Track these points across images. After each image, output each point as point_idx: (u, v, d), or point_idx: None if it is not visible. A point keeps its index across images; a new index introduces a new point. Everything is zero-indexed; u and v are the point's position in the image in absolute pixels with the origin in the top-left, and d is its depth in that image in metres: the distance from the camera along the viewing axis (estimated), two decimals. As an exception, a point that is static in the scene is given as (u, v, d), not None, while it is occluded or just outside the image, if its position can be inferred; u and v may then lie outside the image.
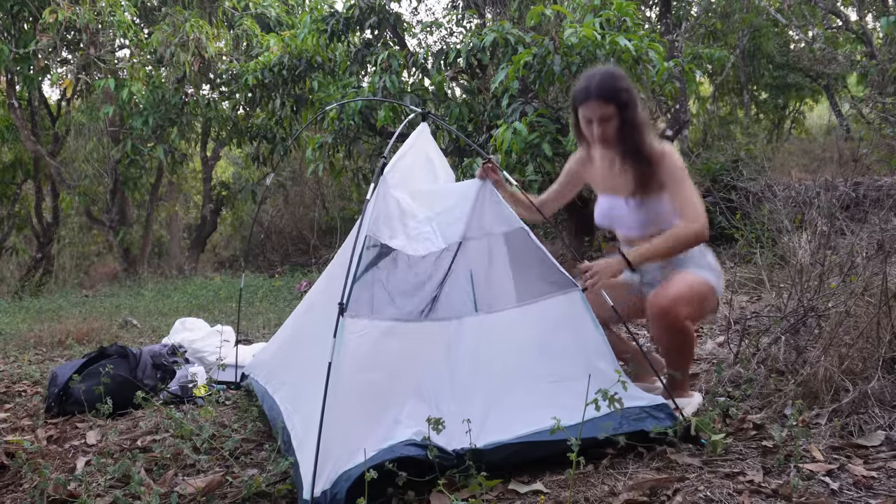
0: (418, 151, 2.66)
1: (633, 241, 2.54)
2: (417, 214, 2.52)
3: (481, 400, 2.17)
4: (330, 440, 1.86)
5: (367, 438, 1.95)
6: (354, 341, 2.06)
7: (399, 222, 2.46)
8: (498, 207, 2.55)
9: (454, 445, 1.98)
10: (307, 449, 1.90)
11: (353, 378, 2.03)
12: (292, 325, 2.98)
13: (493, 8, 7.69)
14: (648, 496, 1.82)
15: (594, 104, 2.39)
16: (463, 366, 2.26)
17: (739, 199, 4.70)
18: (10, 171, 11.05)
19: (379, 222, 2.37)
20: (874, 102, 7.68)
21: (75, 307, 6.67)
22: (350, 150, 7.60)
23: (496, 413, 2.13)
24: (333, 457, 1.86)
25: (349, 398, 1.99)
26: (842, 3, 11.23)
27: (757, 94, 13.32)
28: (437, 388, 2.21)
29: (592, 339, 2.28)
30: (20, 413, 3.11)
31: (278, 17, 9.85)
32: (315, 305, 2.78)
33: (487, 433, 2.03)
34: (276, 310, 5.98)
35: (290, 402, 2.37)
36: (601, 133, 2.42)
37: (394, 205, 2.45)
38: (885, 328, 2.30)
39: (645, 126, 2.44)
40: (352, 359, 2.03)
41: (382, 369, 2.15)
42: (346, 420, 1.94)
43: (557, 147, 5.14)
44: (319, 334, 2.27)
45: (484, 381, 2.22)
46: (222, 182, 12.12)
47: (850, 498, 1.73)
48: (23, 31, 8.86)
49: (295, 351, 2.69)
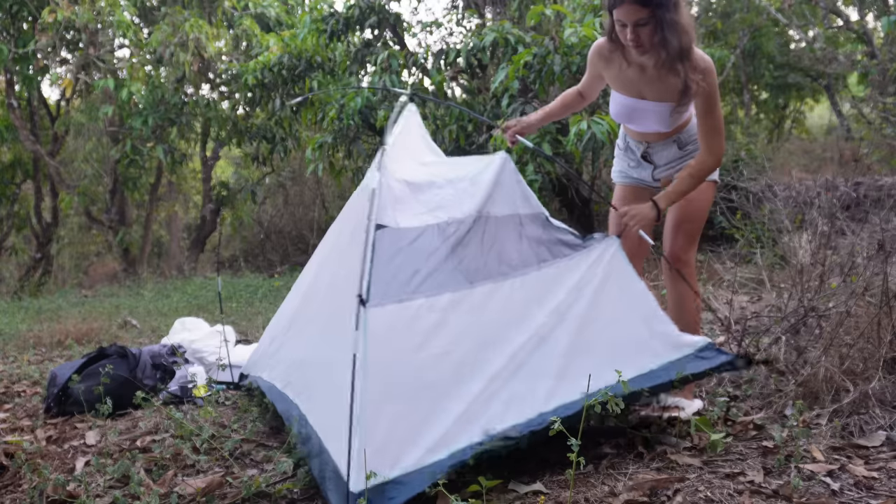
0: (411, 132, 2.63)
1: (647, 136, 2.57)
2: (435, 181, 2.45)
3: (545, 367, 2.09)
4: (372, 433, 1.81)
5: (424, 433, 1.87)
6: (384, 330, 1.97)
7: (414, 201, 2.38)
8: (521, 187, 2.52)
9: (521, 418, 1.95)
10: (340, 440, 1.84)
11: (392, 366, 1.95)
12: (289, 318, 2.89)
13: (493, 8, 7.68)
14: (648, 496, 1.82)
15: (628, 7, 2.20)
16: (515, 328, 2.15)
17: (740, 198, 4.70)
18: (10, 171, 11.04)
19: (388, 208, 2.28)
20: (875, 102, 7.68)
21: (75, 307, 6.67)
22: (350, 150, 7.60)
23: (564, 381, 2.06)
24: (381, 449, 1.80)
25: (391, 387, 1.92)
26: (842, 2, 11.23)
27: (757, 94, 13.31)
28: (491, 360, 2.07)
29: (638, 291, 2.32)
30: (20, 413, 3.11)
31: (278, 16, 9.84)
32: (315, 296, 2.68)
33: (557, 398, 2.00)
34: (276, 310, 5.97)
35: (307, 397, 2.30)
36: (635, 38, 2.24)
37: (401, 187, 2.38)
38: (886, 328, 2.30)
39: (688, 29, 2.25)
40: (387, 347, 1.96)
41: (421, 351, 2.02)
42: (389, 411, 1.88)
43: (557, 147, 5.13)
44: (332, 324, 2.21)
45: (540, 346, 2.13)
46: (222, 182, 12.12)
47: (851, 498, 1.73)
48: (22, 31, 8.85)
49: (303, 346, 2.60)
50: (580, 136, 4.48)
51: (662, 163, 2.61)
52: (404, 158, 2.50)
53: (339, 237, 2.68)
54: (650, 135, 2.57)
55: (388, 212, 2.27)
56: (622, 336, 2.21)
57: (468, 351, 2.05)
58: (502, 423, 1.92)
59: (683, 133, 2.55)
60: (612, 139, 4.56)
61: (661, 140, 2.57)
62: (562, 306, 2.21)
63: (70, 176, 10.13)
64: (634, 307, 2.29)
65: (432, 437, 1.87)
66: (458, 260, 2.27)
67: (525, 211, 2.48)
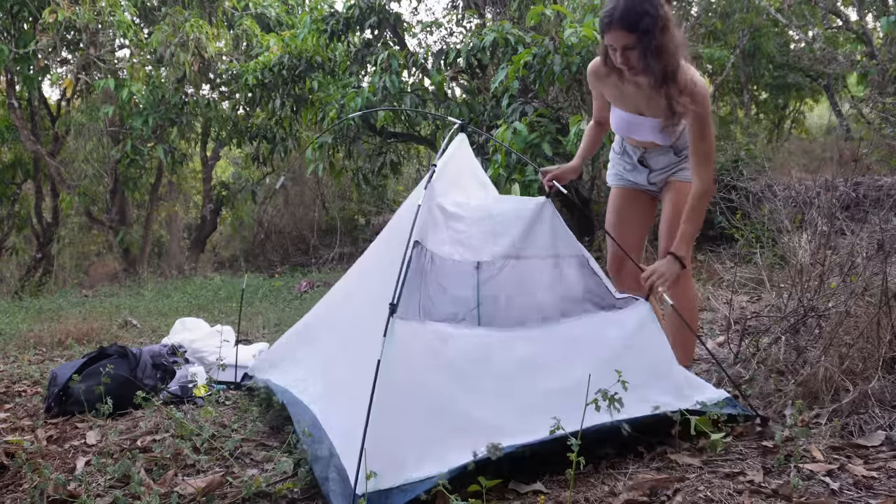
0: (461, 161, 2.64)
1: (645, 145, 2.61)
2: (466, 217, 2.47)
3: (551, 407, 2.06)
4: (382, 439, 1.83)
5: (432, 449, 1.90)
6: (406, 342, 2.01)
7: (444, 228, 2.41)
8: (562, 230, 2.53)
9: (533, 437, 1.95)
10: (354, 444, 1.86)
11: (410, 380, 1.98)
12: (315, 325, 2.90)
13: (493, 8, 7.69)
14: (648, 496, 1.82)
15: (615, 33, 2.27)
16: (524, 374, 2.18)
17: (739, 198, 4.70)
18: (10, 171, 11.04)
19: (426, 229, 2.32)
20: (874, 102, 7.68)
21: (75, 307, 6.67)
22: (350, 150, 7.60)
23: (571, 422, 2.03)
24: (390, 456, 1.84)
25: (406, 399, 1.95)
26: (842, 2, 11.23)
27: (757, 94, 13.31)
28: (498, 395, 2.11)
29: (663, 351, 2.31)
30: (20, 413, 3.11)
31: (278, 17, 9.85)
32: (349, 305, 2.70)
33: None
34: (276, 310, 5.98)
35: (326, 402, 2.33)
36: (625, 61, 2.32)
37: (437, 212, 2.41)
38: (886, 328, 2.30)
39: (674, 52, 2.30)
40: (406, 360, 1.99)
41: (439, 372, 2.07)
42: (401, 422, 1.91)
43: (557, 147, 5.14)
44: (359, 333, 2.24)
45: (551, 390, 2.13)
46: (222, 182, 12.12)
47: (851, 498, 1.73)
48: (23, 31, 8.85)
49: (325, 351, 2.63)
50: (580, 137, 4.48)
51: (658, 167, 2.65)
52: (448, 184, 2.51)
53: (380, 250, 2.71)
54: (648, 143, 2.61)
55: (427, 233, 2.32)
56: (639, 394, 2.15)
57: (477, 384, 2.09)
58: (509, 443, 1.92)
59: (680, 139, 2.59)
60: (612, 140, 4.56)
61: (658, 147, 2.61)
62: (579, 360, 2.21)
63: (70, 176, 10.13)
64: (657, 372, 2.27)
65: (439, 453, 1.90)
66: (480, 299, 2.39)
67: (565, 252, 2.50)
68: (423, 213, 2.30)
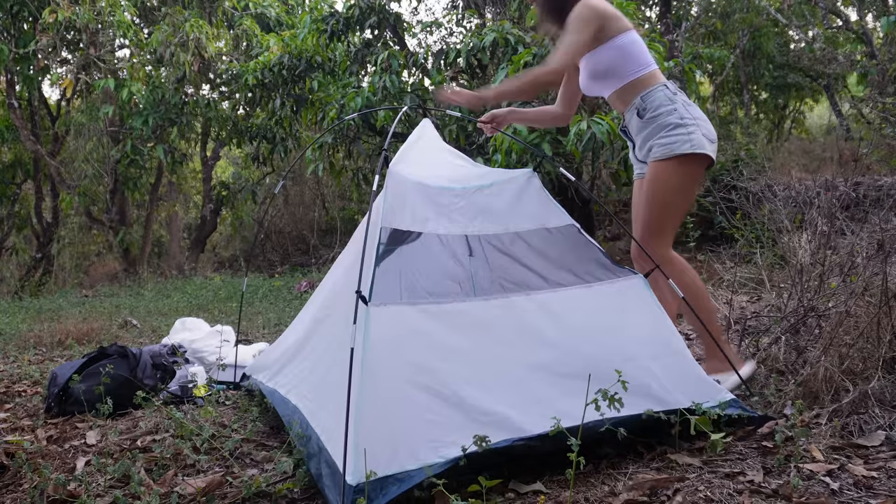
0: (430, 140, 2.63)
1: (614, 106, 2.67)
2: (450, 189, 2.44)
3: (550, 384, 2.04)
4: (372, 426, 1.81)
5: (422, 434, 1.86)
6: (387, 328, 1.96)
7: (430, 204, 2.37)
8: (550, 202, 2.51)
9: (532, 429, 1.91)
10: (338, 438, 1.84)
11: (395, 365, 1.94)
12: (299, 327, 2.90)
13: (493, 8, 7.69)
14: (648, 496, 1.82)
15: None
16: (522, 345, 2.10)
17: (739, 198, 4.70)
18: (10, 171, 11.05)
19: (395, 211, 2.28)
20: (874, 102, 7.68)
21: (75, 307, 6.67)
22: (350, 150, 7.60)
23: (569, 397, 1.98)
24: (381, 443, 1.81)
25: (394, 385, 1.91)
26: (842, 2, 11.24)
27: (757, 94, 13.32)
28: (495, 370, 2.04)
29: (661, 322, 2.28)
30: (20, 413, 3.11)
31: (278, 17, 9.86)
32: (324, 305, 2.68)
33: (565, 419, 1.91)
34: (276, 310, 5.98)
35: (310, 400, 2.30)
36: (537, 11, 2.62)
37: (414, 190, 2.37)
38: (886, 328, 2.30)
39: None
40: (390, 345, 1.95)
41: (426, 353, 2.00)
42: (391, 408, 1.88)
43: (557, 147, 5.14)
44: (335, 328, 2.21)
45: (549, 362, 2.09)
46: (222, 182, 12.13)
47: (851, 498, 1.73)
48: (23, 31, 8.86)
49: (308, 350, 2.61)
50: (580, 137, 4.48)
51: (635, 134, 2.62)
52: (423, 162, 2.49)
53: (357, 242, 2.69)
54: (614, 104, 2.66)
55: (397, 214, 2.28)
56: (633, 372, 2.08)
57: (470, 361, 2.03)
58: (499, 436, 1.88)
59: (637, 99, 2.53)
60: (612, 139, 4.56)
61: (625, 109, 2.60)
62: (575, 331, 2.17)
63: (70, 176, 10.13)
64: (653, 344, 2.22)
65: (429, 438, 1.86)
66: (472, 271, 2.29)
67: (554, 224, 2.48)
68: (388, 198, 2.27)
